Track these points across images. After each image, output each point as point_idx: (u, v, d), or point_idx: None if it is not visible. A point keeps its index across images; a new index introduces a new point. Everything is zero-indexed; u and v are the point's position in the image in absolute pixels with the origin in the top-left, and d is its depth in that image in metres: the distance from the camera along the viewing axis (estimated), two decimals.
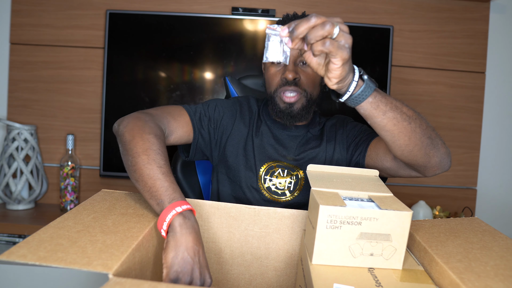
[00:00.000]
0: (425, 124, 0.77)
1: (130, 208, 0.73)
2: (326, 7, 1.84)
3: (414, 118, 0.74)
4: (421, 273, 0.62)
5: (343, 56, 0.62)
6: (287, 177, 1.04)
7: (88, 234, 0.60)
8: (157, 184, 0.70)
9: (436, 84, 1.86)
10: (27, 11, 1.82)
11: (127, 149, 0.77)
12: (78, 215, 0.67)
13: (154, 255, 0.69)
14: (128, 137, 0.79)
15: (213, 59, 1.80)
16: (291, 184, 1.03)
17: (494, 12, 1.86)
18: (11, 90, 1.84)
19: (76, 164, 1.79)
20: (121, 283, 0.48)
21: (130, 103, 1.80)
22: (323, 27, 0.59)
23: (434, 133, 0.79)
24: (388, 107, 0.71)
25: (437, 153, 0.80)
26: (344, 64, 0.63)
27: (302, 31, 0.60)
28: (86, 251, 0.54)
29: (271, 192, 1.04)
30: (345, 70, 0.64)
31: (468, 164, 1.89)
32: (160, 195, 0.69)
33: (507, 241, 0.66)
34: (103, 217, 0.67)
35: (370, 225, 0.60)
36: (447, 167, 0.84)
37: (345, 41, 0.62)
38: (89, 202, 0.74)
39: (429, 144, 0.77)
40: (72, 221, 0.64)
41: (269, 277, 0.81)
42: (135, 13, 1.77)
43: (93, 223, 0.64)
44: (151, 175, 0.71)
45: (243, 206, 0.79)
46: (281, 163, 1.05)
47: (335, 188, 0.68)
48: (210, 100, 1.10)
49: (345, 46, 0.62)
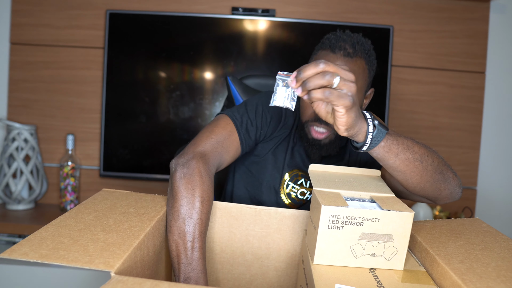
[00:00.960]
0: (437, 159, 0.77)
1: (131, 207, 0.73)
2: (326, 7, 1.84)
3: (426, 156, 0.74)
4: (422, 274, 0.62)
5: (345, 104, 0.61)
6: (310, 189, 1.03)
7: (90, 232, 0.60)
8: (180, 256, 0.71)
9: (436, 84, 1.87)
10: (27, 11, 1.81)
11: (173, 201, 0.75)
12: (80, 214, 0.67)
13: (156, 254, 0.69)
14: (177, 189, 0.76)
15: (213, 59, 1.80)
16: (310, 196, 1.02)
17: (494, 12, 1.86)
18: (11, 90, 1.84)
19: (76, 164, 1.79)
20: (123, 281, 0.48)
21: (130, 103, 1.80)
22: (323, 77, 0.60)
23: (445, 167, 0.79)
24: (400, 149, 0.71)
25: (448, 186, 0.80)
26: (349, 111, 0.63)
27: (306, 76, 0.61)
28: (87, 249, 0.54)
29: (290, 198, 1.02)
30: (351, 117, 0.64)
31: (468, 164, 1.89)
32: (180, 266, 0.70)
33: (509, 242, 0.66)
34: (104, 216, 0.67)
35: (371, 226, 0.60)
36: (457, 197, 0.85)
37: (347, 89, 0.61)
38: (90, 201, 0.74)
39: (440, 179, 0.77)
40: (74, 219, 0.64)
41: (270, 277, 0.81)
42: (135, 13, 1.77)
43: (95, 221, 0.64)
44: (179, 244, 0.71)
45: (244, 206, 0.79)
46: (306, 174, 1.04)
47: (337, 188, 0.68)
48: (255, 101, 1.02)
49: (348, 95, 0.61)
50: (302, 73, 0.61)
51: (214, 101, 1.81)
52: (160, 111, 1.81)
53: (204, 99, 1.80)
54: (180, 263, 0.71)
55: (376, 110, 1.80)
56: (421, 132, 1.87)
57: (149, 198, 0.79)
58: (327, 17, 1.84)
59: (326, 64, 0.60)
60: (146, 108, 1.80)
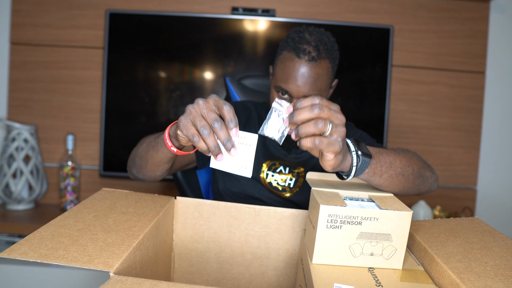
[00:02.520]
0: (416, 164, 0.79)
1: (130, 207, 0.73)
2: (326, 7, 1.84)
3: (406, 167, 0.75)
4: (421, 273, 0.62)
5: (335, 150, 0.61)
6: (289, 174, 1.07)
7: (89, 232, 0.60)
8: (152, 138, 0.88)
9: (436, 84, 1.87)
10: (27, 11, 1.82)
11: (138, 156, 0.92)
12: (79, 213, 0.67)
13: (155, 254, 0.69)
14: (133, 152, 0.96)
15: (213, 59, 1.80)
16: (291, 181, 1.06)
17: (494, 12, 1.86)
18: (11, 90, 1.84)
19: (76, 164, 1.79)
20: (122, 281, 0.48)
21: (130, 103, 1.80)
22: (316, 126, 0.59)
23: (424, 168, 0.81)
24: (384, 169, 0.71)
25: (427, 184, 0.84)
26: (337, 155, 0.62)
27: (300, 120, 0.60)
28: (87, 249, 0.55)
29: (272, 187, 1.07)
30: (339, 159, 0.63)
31: (468, 164, 1.89)
32: (156, 138, 0.85)
33: (507, 241, 0.66)
34: (104, 215, 0.67)
35: (370, 225, 0.60)
36: (434, 190, 0.89)
37: (337, 135, 0.61)
38: (89, 201, 0.74)
39: (420, 182, 0.80)
40: (73, 219, 0.64)
41: (269, 277, 0.81)
42: (135, 13, 1.77)
43: (94, 221, 0.64)
44: (149, 140, 0.89)
45: (244, 205, 0.79)
46: (283, 161, 1.08)
47: (335, 188, 0.69)
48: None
49: (337, 140, 0.61)
50: (296, 116, 0.60)
51: None
52: (160, 111, 1.81)
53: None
54: (154, 140, 0.85)
55: (376, 110, 1.80)
56: (421, 132, 1.87)
57: (148, 198, 0.79)
58: (327, 17, 1.84)
59: (321, 109, 0.60)
60: (146, 108, 1.80)
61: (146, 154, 0.88)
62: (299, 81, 0.97)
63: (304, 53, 0.96)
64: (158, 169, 0.89)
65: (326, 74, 1.01)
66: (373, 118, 1.80)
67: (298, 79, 0.97)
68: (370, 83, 1.80)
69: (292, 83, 0.97)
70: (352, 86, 1.81)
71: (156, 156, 0.85)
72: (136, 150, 0.94)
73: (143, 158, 0.89)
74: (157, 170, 0.90)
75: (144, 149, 0.89)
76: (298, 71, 0.96)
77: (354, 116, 1.81)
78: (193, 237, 0.81)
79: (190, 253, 0.81)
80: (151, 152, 0.86)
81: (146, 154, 0.88)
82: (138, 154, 0.92)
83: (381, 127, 1.80)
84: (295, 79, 0.97)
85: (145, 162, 0.89)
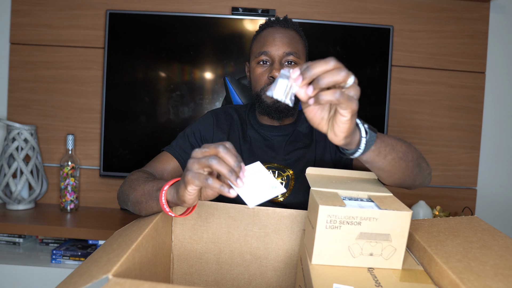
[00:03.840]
0: (415, 153, 0.78)
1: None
2: (326, 7, 1.84)
3: (407, 153, 0.75)
4: (420, 273, 0.62)
5: (353, 107, 0.58)
6: (278, 178, 1.05)
7: None
8: (146, 191, 0.77)
9: (436, 84, 1.86)
10: (27, 11, 1.82)
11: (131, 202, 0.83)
12: None
13: (154, 255, 0.69)
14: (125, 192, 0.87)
15: (213, 59, 1.80)
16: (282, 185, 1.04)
17: (494, 12, 1.86)
18: (11, 90, 1.84)
19: (76, 164, 1.79)
20: (120, 283, 0.48)
21: (130, 103, 1.80)
22: (339, 73, 0.55)
23: (421, 159, 0.81)
24: (388, 150, 0.70)
25: (422, 176, 0.83)
26: (353, 117, 0.60)
27: (317, 72, 0.56)
28: None
29: None
30: (353, 124, 0.61)
31: (468, 164, 1.89)
32: (150, 193, 0.76)
33: (507, 240, 0.65)
34: None
35: (369, 225, 0.60)
36: (428, 184, 0.89)
37: (354, 92, 0.58)
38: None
39: (417, 172, 0.80)
40: None
41: (268, 277, 0.81)
42: (135, 13, 1.77)
43: None
44: (142, 191, 0.79)
45: (242, 206, 0.79)
46: (272, 165, 1.06)
47: (334, 188, 0.68)
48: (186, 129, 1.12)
49: (354, 98, 0.58)
50: (311, 70, 0.56)
51: (214, 101, 1.81)
52: (160, 111, 1.81)
53: (204, 99, 1.80)
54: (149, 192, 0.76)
55: (376, 110, 1.80)
56: (421, 132, 1.87)
57: None
58: (327, 17, 1.84)
59: (336, 61, 0.56)
60: (146, 108, 1.80)
61: (140, 206, 0.79)
62: (276, 40, 1.04)
63: (275, 22, 1.08)
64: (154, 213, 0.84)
65: (300, 41, 1.08)
66: (373, 118, 1.80)
67: (276, 39, 1.04)
68: (370, 83, 1.80)
69: (271, 43, 1.04)
70: None
71: (155, 208, 0.76)
72: (128, 192, 0.84)
73: (136, 206, 0.80)
74: (153, 214, 0.84)
75: (138, 199, 0.79)
76: (274, 33, 1.05)
77: None
78: (192, 238, 0.81)
79: (189, 254, 0.81)
80: (148, 204, 0.77)
81: (140, 206, 0.79)
82: (132, 200, 0.82)
83: (381, 127, 1.80)
84: (273, 39, 1.04)
85: (139, 211, 0.80)
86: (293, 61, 1.04)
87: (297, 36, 1.08)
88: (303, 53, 1.09)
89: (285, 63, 1.04)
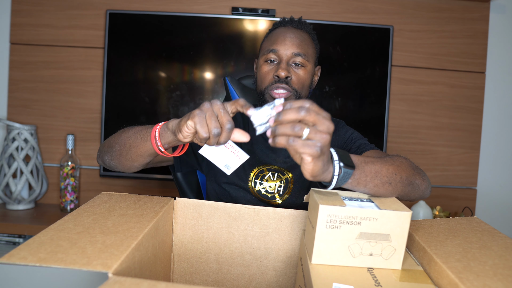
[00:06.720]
0: (405, 172, 0.76)
1: (130, 209, 0.73)
2: (326, 7, 1.84)
3: (394, 175, 0.73)
4: (420, 273, 0.62)
5: (311, 152, 0.58)
6: (277, 180, 1.05)
7: (88, 235, 0.60)
8: (136, 130, 0.86)
9: (436, 84, 1.87)
10: (27, 11, 1.82)
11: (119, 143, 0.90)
12: (78, 217, 0.67)
13: (154, 255, 0.69)
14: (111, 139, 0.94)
15: (213, 59, 1.80)
16: (280, 188, 1.05)
17: (494, 12, 1.86)
18: (11, 90, 1.84)
19: (76, 164, 1.79)
20: (120, 282, 0.48)
21: (130, 103, 1.80)
22: (292, 128, 0.58)
23: (414, 176, 0.79)
24: (369, 178, 0.69)
25: (418, 192, 0.81)
26: (315, 160, 0.60)
27: (283, 119, 0.59)
28: (86, 251, 0.54)
29: (261, 195, 1.06)
30: (318, 166, 0.61)
31: (468, 164, 1.89)
32: (141, 131, 0.83)
33: (506, 240, 0.66)
34: (103, 218, 0.67)
35: (369, 225, 0.60)
36: (427, 196, 0.87)
37: (318, 139, 0.58)
38: (89, 205, 0.74)
39: (410, 190, 0.78)
40: (72, 223, 0.64)
41: (268, 277, 0.81)
42: (135, 13, 1.77)
43: (93, 224, 0.64)
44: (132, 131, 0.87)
45: (243, 206, 0.79)
46: (271, 167, 1.06)
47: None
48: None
49: (316, 145, 0.58)
50: (281, 116, 0.59)
51: None
52: (160, 111, 1.81)
53: (204, 99, 1.80)
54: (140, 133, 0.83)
55: (376, 110, 1.80)
56: (421, 132, 1.87)
57: (147, 199, 0.79)
58: (327, 17, 1.84)
59: (308, 112, 0.58)
60: (146, 108, 1.80)
61: (131, 141, 0.85)
62: (287, 40, 1.04)
63: (289, 22, 1.08)
64: (138, 160, 0.87)
65: (311, 44, 1.08)
66: (373, 118, 1.80)
67: (287, 38, 1.04)
68: (370, 83, 1.80)
69: (280, 42, 1.04)
70: (352, 86, 1.81)
71: (144, 146, 0.83)
72: (117, 137, 0.91)
73: (126, 145, 0.86)
74: (136, 161, 0.88)
75: (131, 136, 0.86)
76: (285, 33, 1.05)
77: (354, 116, 1.81)
78: (192, 238, 0.81)
79: (189, 254, 0.81)
80: (139, 140, 0.84)
81: (131, 141, 0.85)
82: (121, 140, 0.88)
83: (381, 127, 1.80)
84: (284, 38, 1.04)
85: (128, 149, 0.86)
86: (301, 63, 1.04)
87: (309, 39, 1.08)
88: (312, 56, 1.08)
89: (292, 64, 1.04)
